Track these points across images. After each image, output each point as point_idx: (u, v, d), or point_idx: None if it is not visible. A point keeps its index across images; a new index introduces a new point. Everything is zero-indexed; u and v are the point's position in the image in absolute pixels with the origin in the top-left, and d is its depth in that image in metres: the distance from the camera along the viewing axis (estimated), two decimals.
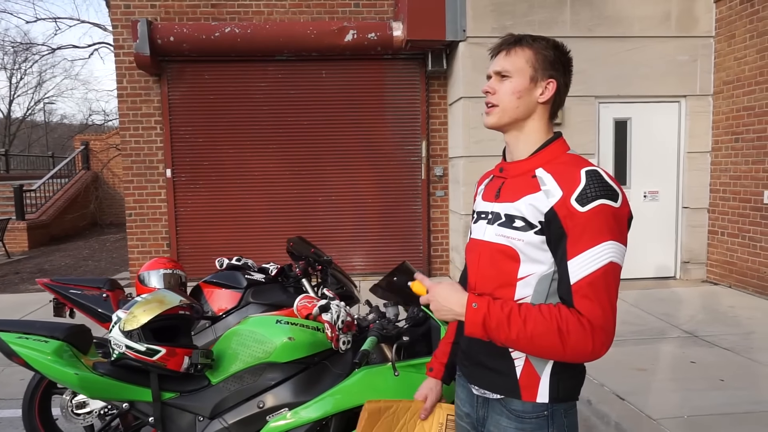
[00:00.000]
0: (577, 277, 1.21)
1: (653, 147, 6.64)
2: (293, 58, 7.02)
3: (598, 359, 1.25)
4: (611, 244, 1.20)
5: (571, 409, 1.34)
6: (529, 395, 1.31)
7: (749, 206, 5.98)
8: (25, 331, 1.96)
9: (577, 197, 1.21)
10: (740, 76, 6.07)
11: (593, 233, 1.20)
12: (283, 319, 2.05)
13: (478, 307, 1.25)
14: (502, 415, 1.35)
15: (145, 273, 3.22)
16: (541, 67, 1.33)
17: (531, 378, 1.31)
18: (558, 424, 1.31)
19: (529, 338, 1.21)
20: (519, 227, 1.29)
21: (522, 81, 1.33)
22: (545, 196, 1.26)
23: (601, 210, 1.20)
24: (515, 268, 1.30)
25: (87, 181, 14.68)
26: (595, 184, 1.21)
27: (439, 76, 7.14)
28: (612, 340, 1.21)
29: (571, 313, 1.20)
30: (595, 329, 1.19)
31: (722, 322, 4.98)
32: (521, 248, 1.28)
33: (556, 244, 1.24)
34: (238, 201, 7.18)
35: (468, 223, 6.47)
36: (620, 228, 1.22)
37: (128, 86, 6.98)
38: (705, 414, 3.18)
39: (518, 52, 1.34)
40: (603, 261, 1.19)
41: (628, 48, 6.39)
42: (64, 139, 31.04)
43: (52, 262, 10.06)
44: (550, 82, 1.34)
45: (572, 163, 1.29)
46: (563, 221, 1.22)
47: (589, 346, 1.19)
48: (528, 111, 1.35)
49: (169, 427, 1.99)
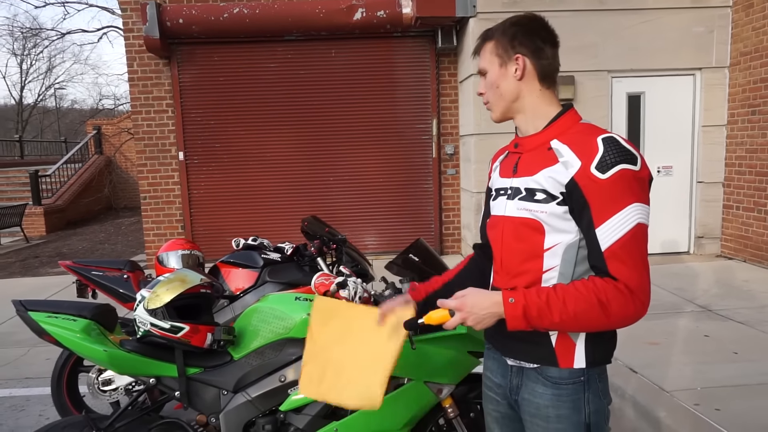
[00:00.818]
0: (608, 243, 1.22)
1: (667, 121, 6.55)
2: (302, 38, 6.98)
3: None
4: (637, 206, 1.22)
5: (603, 373, 1.37)
6: (566, 362, 1.33)
7: (765, 180, 5.90)
8: (54, 311, 2.03)
9: (597, 165, 1.22)
10: (758, 47, 5.94)
11: (618, 198, 1.21)
12: (301, 296, 2.10)
13: (515, 301, 1.24)
14: (538, 383, 1.37)
15: (163, 254, 3.29)
16: (503, 50, 1.37)
17: (566, 345, 1.33)
18: (593, 389, 1.34)
19: (573, 317, 1.22)
20: (541, 200, 1.31)
21: (493, 70, 1.39)
22: (564, 167, 1.27)
23: (622, 175, 1.21)
24: (541, 239, 1.32)
25: (100, 165, 14.83)
26: (613, 150, 1.22)
27: (450, 53, 7.08)
28: (650, 299, 1.23)
29: (606, 282, 1.22)
30: (633, 292, 1.21)
31: (736, 296, 4.97)
32: (545, 219, 1.30)
33: (580, 213, 1.26)
34: (250, 182, 7.24)
35: (479, 200, 6.47)
36: (643, 189, 1.24)
37: (139, 70, 7.00)
38: (718, 386, 3.21)
39: (484, 48, 1.42)
40: (631, 223, 1.21)
41: (642, 20, 6.26)
42: (76, 124, 31.27)
43: (69, 246, 10.24)
44: (518, 57, 1.36)
45: (587, 131, 1.30)
46: (585, 190, 1.23)
47: (631, 309, 1.21)
48: (514, 93, 1.38)
49: (195, 401, 2.06)
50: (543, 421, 1.36)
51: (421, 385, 2.00)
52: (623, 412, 3.20)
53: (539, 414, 1.36)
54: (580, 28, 6.21)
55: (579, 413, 1.33)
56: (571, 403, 1.33)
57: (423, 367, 2.00)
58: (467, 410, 2.19)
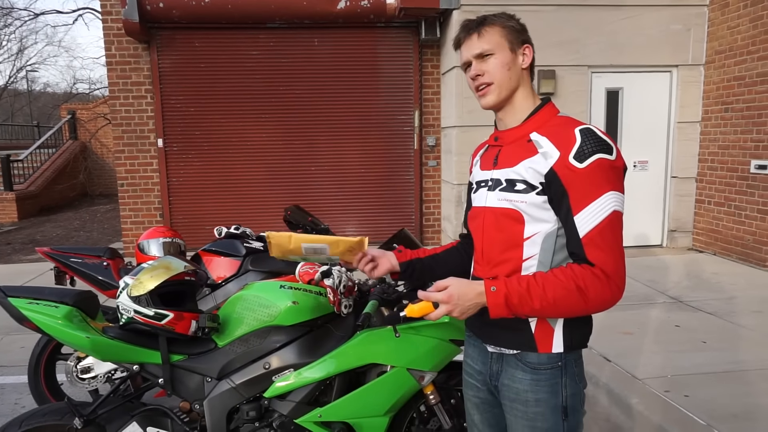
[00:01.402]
0: (586, 230, 1.28)
1: (644, 117, 6.69)
2: (285, 26, 6.92)
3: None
4: (612, 194, 1.27)
5: (579, 358, 1.43)
6: (545, 347, 1.39)
7: (736, 175, 6.09)
8: (34, 297, 2.00)
9: (574, 155, 1.28)
10: (732, 46, 6.09)
11: (595, 186, 1.27)
12: (286, 284, 2.12)
13: (497, 289, 1.29)
14: (517, 368, 1.42)
15: (144, 241, 3.26)
16: (513, 37, 1.41)
17: (545, 331, 1.39)
18: (570, 373, 1.40)
19: (552, 303, 1.27)
20: (521, 190, 1.35)
21: (505, 53, 1.40)
22: (543, 158, 1.32)
23: (599, 164, 1.27)
24: (521, 229, 1.36)
25: (75, 151, 14.49)
26: (590, 140, 1.28)
27: (433, 45, 7.09)
28: (625, 282, 1.30)
29: (584, 268, 1.28)
30: (609, 276, 1.26)
31: (706, 288, 5.14)
32: (525, 209, 1.35)
33: (559, 202, 1.31)
34: (231, 171, 7.17)
35: (460, 192, 6.53)
36: (618, 178, 1.30)
37: (117, 54, 6.86)
38: (687, 374, 3.33)
39: (489, 31, 1.40)
40: (607, 211, 1.27)
41: (622, 17, 6.37)
42: (49, 108, 30.43)
43: (43, 232, 10.03)
44: (526, 47, 1.42)
45: (565, 124, 1.35)
46: (564, 180, 1.29)
47: (608, 294, 1.27)
48: (518, 80, 1.42)
49: (178, 388, 2.07)
50: (522, 405, 1.41)
51: (403, 372, 2.04)
52: (597, 399, 3.31)
53: (518, 398, 1.42)
54: (562, 23, 6.28)
55: (556, 397, 1.39)
56: (549, 387, 1.39)
57: (406, 354, 2.04)
58: (448, 397, 2.24)
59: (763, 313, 4.39)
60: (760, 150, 5.72)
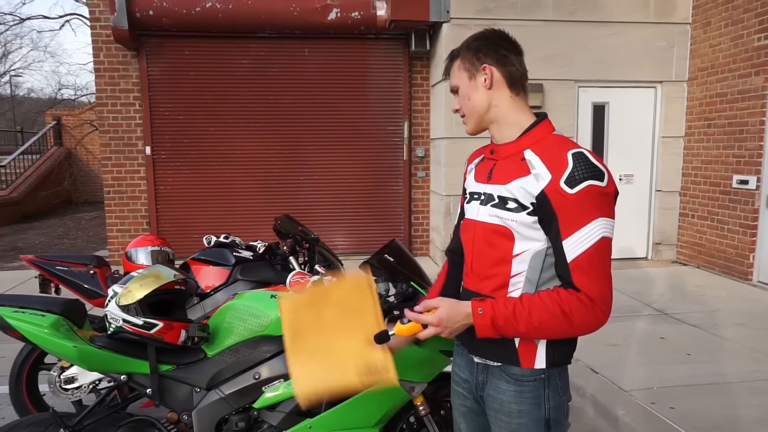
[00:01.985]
0: (573, 255, 1.28)
1: (629, 131, 6.81)
2: (275, 36, 6.94)
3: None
4: (601, 221, 1.28)
5: (564, 371, 1.45)
6: (528, 362, 1.40)
7: (719, 190, 6.21)
8: (21, 305, 1.98)
9: (565, 180, 1.28)
10: (714, 63, 6.24)
11: (584, 213, 1.27)
12: (277, 294, 2.11)
13: (483, 312, 1.32)
14: (501, 380, 1.44)
15: (132, 250, 3.24)
16: (470, 63, 1.44)
17: (528, 347, 1.40)
18: (553, 386, 1.41)
19: (537, 327, 1.29)
20: (512, 208, 1.36)
21: (464, 84, 1.46)
22: (535, 179, 1.32)
23: (589, 191, 1.27)
24: (510, 246, 1.37)
25: (60, 157, 14.31)
26: (582, 166, 1.28)
27: (422, 57, 7.16)
28: (611, 308, 1.30)
29: (569, 293, 1.29)
30: (594, 302, 1.28)
31: (690, 300, 5.21)
32: (515, 228, 1.36)
33: (549, 224, 1.32)
34: (219, 179, 7.14)
35: (449, 204, 6.57)
36: (608, 204, 1.30)
37: (105, 61, 6.82)
38: (672, 385, 3.37)
39: (453, 66, 1.49)
40: (596, 237, 1.28)
41: (608, 33, 6.49)
42: (33, 113, 30.05)
43: (25, 240, 9.87)
44: (484, 67, 1.42)
45: (558, 145, 1.35)
46: (554, 203, 1.29)
47: (592, 319, 1.29)
48: (485, 103, 1.44)
49: (166, 398, 2.04)
50: (506, 416, 1.43)
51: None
52: (584, 410, 3.33)
53: (502, 409, 1.43)
54: (550, 38, 6.38)
55: (539, 409, 1.40)
56: (532, 399, 1.40)
57: (396, 365, 2.04)
58: (437, 408, 2.24)
59: (746, 325, 4.46)
60: (742, 165, 5.85)
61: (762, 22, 5.52)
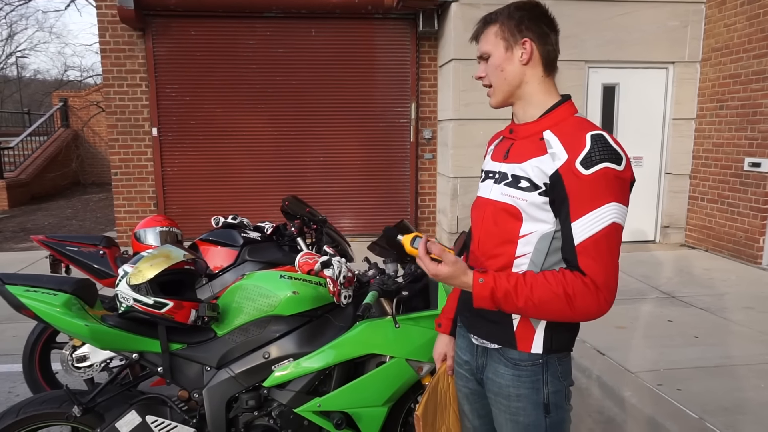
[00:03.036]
0: (581, 238, 1.25)
1: (639, 113, 6.72)
2: (282, 16, 6.86)
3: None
4: (614, 206, 1.24)
5: (565, 357, 1.42)
6: (524, 346, 1.39)
7: (729, 173, 6.14)
8: (33, 285, 1.99)
9: (582, 160, 1.24)
10: (729, 43, 6.12)
11: (596, 195, 1.23)
12: (286, 274, 2.12)
13: (484, 282, 1.29)
14: (500, 363, 1.43)
15: (141, 230, 3.25)
16: (510, 33, 1.37)
17: (527, 330, 1.38)
18: (552, 371, 1.39)
19: (537, 304, 1.26)
20: (524, 188, 1.33)
21: (499, 54, 1.38)
22: (551, 159, 1.29)
23: (604, 173, 1.23)
24: (517, 226, 1.35)
25: (67, 139, 14.33)
26: (600, 147, 1.24)
27: (430, 37, 7.07)
28: (614, 297, 1.27)
29: (575, 275, 1.25)
30: (599, 288, 1.24)
31: (698, 283, 5.19)
32: (524, 207, 1.33)
33: (560, 205, 1.28)
34: (226, 160, 7.14)
35: (456, 186, 6.54)
36: (623, 190, 1.25)
37: (111, 41, 6.78)
38: (679, 368, 3.37)
39: (487, 32, 1.40)
40: (606, 222, 1.24)
41: (620, 12, 6.37)
42: (39, 95, 30.04)
43: (34, 221, 9.94)
44: (525, 41, 1.36)
45: (579, 126, 1.31)
46: (567, 184, 1.26)
47: (594, 305, 1.25)
48: (518, 78, 1.38)
49: (177, 376, 2.07)
50: (505, 400, 1.43)
51: (402, 363, 2.05)
52: (590, 391, 3.34)
53: (501, 392, 1.43)
54: (560, 18, 6.14)
55: (538, 393, 1.39)
56: (530, 383, 1.39)
57: (405, 345, 2.05)
58: None
59: (754, 309, 4.44)
60: (754, 148, 5.77)
61: None
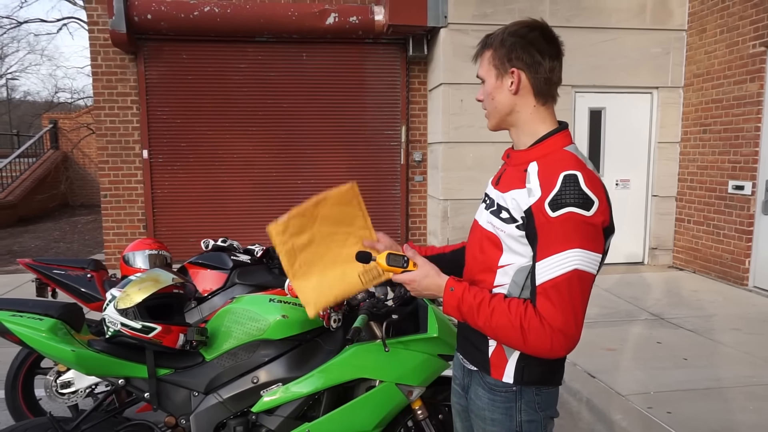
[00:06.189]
0: (542, 280, 1.23)
1: (626, 136, 6.84)
2: (273, 40, 6.95)
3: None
4: (577, 252, 1.20)
5: (547, 388, 1.40)
6: (497, 373, 1.39)
7: (714, 195, 6.24)
8: (18, 309, 1.97)
9: (549, 202, 1.22)
10: (710, 70, 6.28)
11: (560, 239, 1.21)
12: (275, 297, 2.12)
13: (454, 291, 1.32)
14: (479, 386, 1.44)
15: (130, 253, 3.23)
16: (500, 62, 1.34)
17: (500, 358, 1.39)
18: (527, 400, 1.37)
19: (494, 328, 1.28)
20: (504, 219, 1.33)
21: (490, 82, 1.37)
22: (527, 194, 1.27)
23: (569, 218, 1.20)
24: (498, 255, 1.35)
25: (56, 161, 14.26)
26: (569, 190, 1.20)
27: (420, 61, 7.18)
28: (574, 343, 1.23)
29: (535, 313, 1.24)
30: (554, 332, 1.22)
31: (686, 305, 5.23)
32: (503, 238, 1.33)
33: (532, 241, 1.27)
34: (216, 183, 7.14)
35: (446, 208, 6.59)
36: (590, 236, 1.21)
37: (103, 64, 6.82)
38: (669, 390, 3.38)
39: (483, 56, 1.39)
40: (567, 268, 1.20)
41: (605, 39, 6.53)
42: (29, 116, 29.93)
43: (21, 243, 9.82)
44: (513, 71, 1.33)
45: (560, 162, 1.27)
46: (537, 222, 1.24)
47: (547, 346, 1.23)
48: (508, 107, 1.36)
49: (165, 402, 2.04)
50: (482, 422, 1.44)
51: (392, 387, 2.04)
52: (580, 414, 3.33)
53: (479, 414, 1.44)
54: None
55: (511, 420, 1.39)
56: (504, 409, 1.39)
57: (395, 369, 2.04)
58: (435, 412, 2.24)
59: (741, 330, 4.48)
60: (737, 171, 5.88)
61: (757, 29, 5.57)
